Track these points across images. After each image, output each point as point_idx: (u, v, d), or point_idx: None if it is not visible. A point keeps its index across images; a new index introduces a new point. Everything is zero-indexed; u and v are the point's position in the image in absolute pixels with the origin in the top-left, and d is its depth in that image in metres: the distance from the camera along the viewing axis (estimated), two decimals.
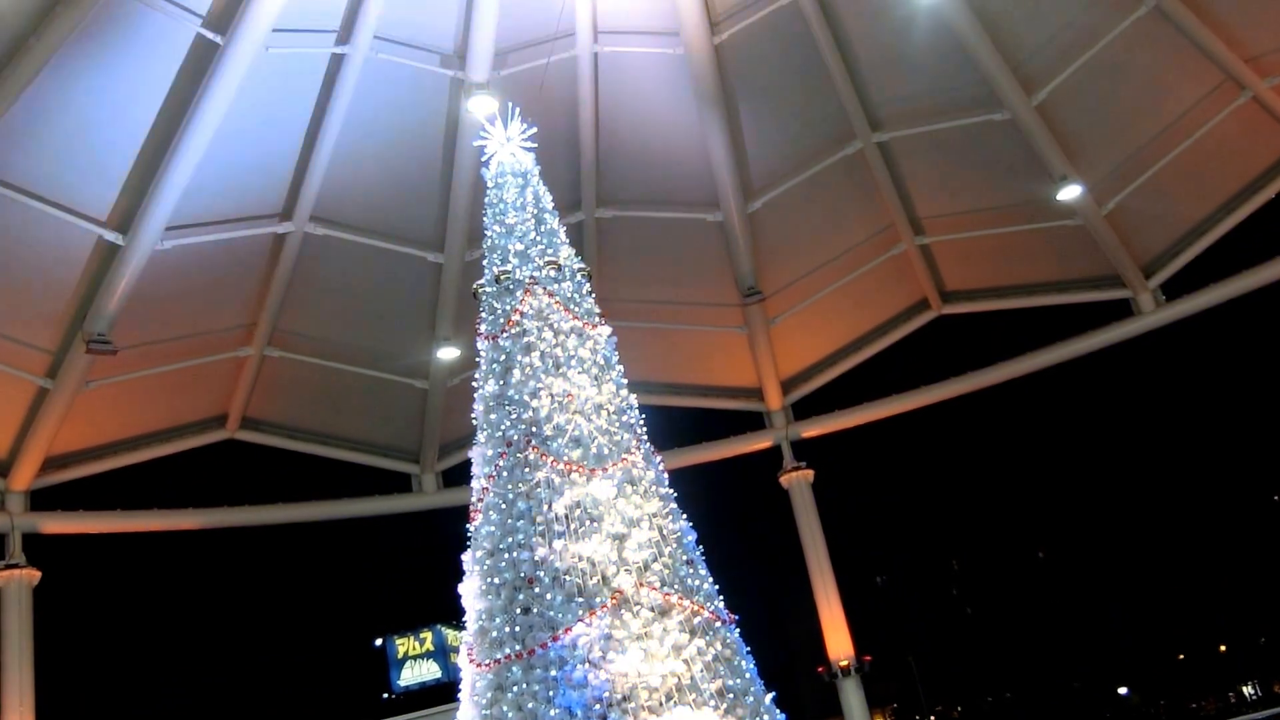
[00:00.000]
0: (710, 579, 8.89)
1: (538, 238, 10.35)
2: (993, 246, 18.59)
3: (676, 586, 8.43)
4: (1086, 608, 52.31)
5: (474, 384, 9.94)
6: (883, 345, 19.86)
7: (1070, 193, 17.04)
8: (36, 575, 15.33)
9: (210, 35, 13.17)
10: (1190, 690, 51.60)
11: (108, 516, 16.87)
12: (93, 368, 15.11)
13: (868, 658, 18.10)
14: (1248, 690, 51.87)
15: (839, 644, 17.98)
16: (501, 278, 10.04)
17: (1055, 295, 19.16)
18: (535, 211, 10.56)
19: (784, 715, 8.49)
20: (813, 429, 19.58)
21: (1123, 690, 54.35)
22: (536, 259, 10.14)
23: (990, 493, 54.61)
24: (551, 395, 9.17)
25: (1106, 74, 16.32)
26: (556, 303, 9.83)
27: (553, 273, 10.05)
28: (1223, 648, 53.29)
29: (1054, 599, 53.15)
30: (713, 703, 7.82)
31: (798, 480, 19.04)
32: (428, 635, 23.40)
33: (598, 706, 7.55)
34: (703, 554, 9.11)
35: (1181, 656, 53.61)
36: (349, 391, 18.15)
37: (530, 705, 7.77)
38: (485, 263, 10.46)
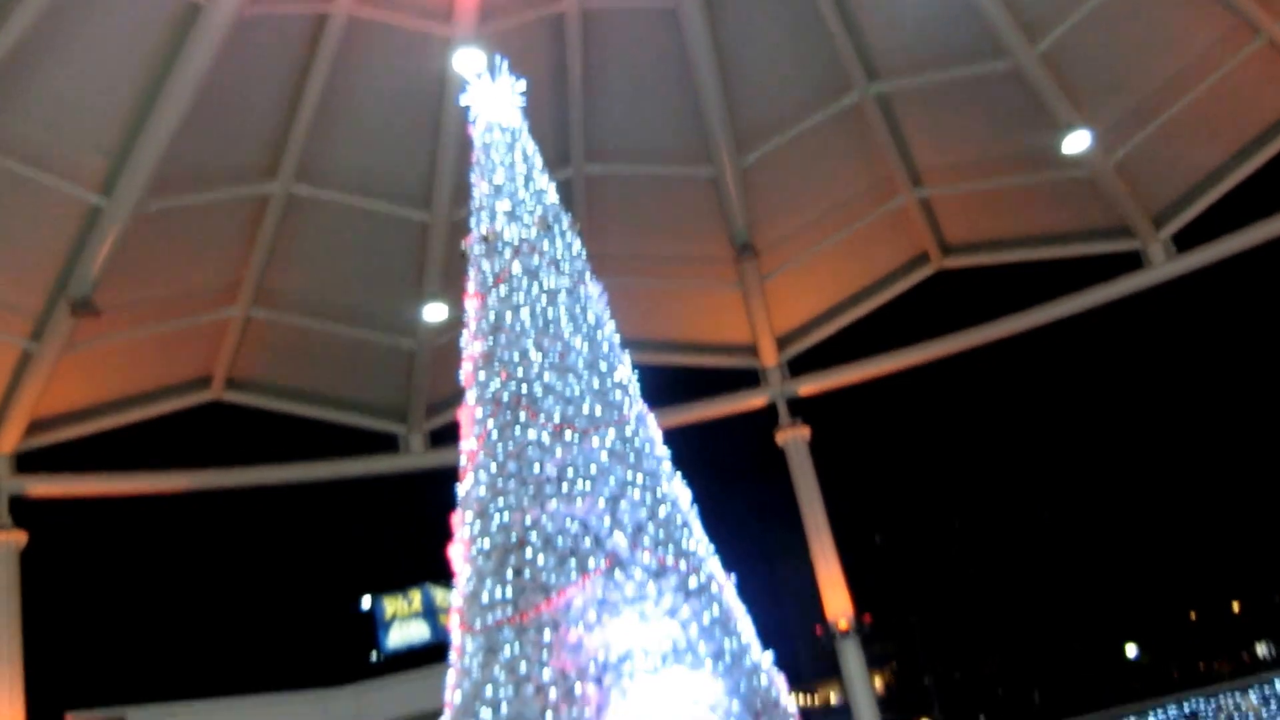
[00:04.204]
0: (706, 540, 8.69)
1: (526, 195, 10.04)
2: (996, 198, 18.25)
3: (671, 548, 8.22)
4: (1094, 567, 52.15)
5: (462, 343, 9.69)
6: (881, 300, 19.59)
7: (1077, 142, 16.67)
8: (23, 538, 15.19)
9: None
10: (1202, 650, 51.54)
11: (94, 479, 16.76)
12: (77, 330, 14.91)
13: (867, 618, 18.05)
14: (1261, 650, 51.79)
15: (837, 604, 17.90)
16: (489, 236, 9.75)
17: (1061, 248, 18.80)
18: (524, 169, 10.23)
19: (782, 676, 8.33)
20: (809, 386, 19.34)
21: (1132, 650, 54.39)
22: (525, 217, 9.82)
23: (993, 451, 54.37)
24: (542, 354, 8.92)
25: (1114, 19, 15.86)
26: (546, 261, 9.54)
27: (542, 231, 9.75)
28: (1236, 607, 53.20)
29: (1060, 558, 52.98)
30: (710, 665, 7.65)
31: (794, 438, 18.86)
32: (416, 596, 23.31)
33: (593, 669, 7.39)
34: (698, 515, 8.92)
35: (1194, 616, 53.52)
36: (336, 351, 17.94)
37: (523, 669, 7.58)
38: (473, 221, 10.17)
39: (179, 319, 16.31)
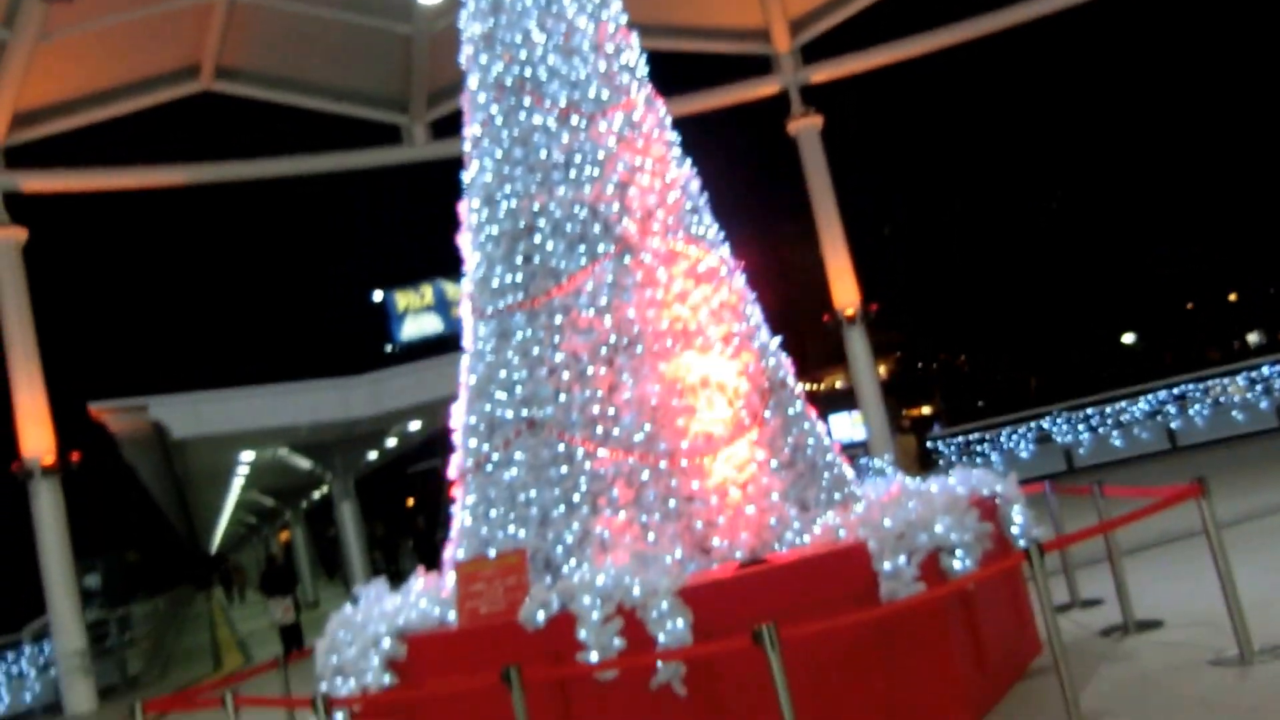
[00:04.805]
0: (716, 226, 8.59)
1: None
2: None
3: (681, 234, 8.14)
4: (1097, 258, 52.42)
5: (460, 25, 9.11)
6: None
7: None
8: (23, 234, 15.02)
9: None
10: (1197, 338, 52.74)
11: (89, 174, 16.40)
12: (51, 17, 14.09)
13: (873, 306, 18.27)
14: (1253, 338, 53.18)
15: (845, 292, 18.11)
16: None
17: None
18: None
19: (790, 360, 8.48)
20: (823, 73, 18.59)
21: (1129, 338, 55.74)
22: None
23: (1006, 140, 53.23)
24: (546, 35, 8.40)
25: None
26: None
27: None
28: (1233, 297, 54.01)
29: (1065, 249, 53.11)
30: (718, 347, 7.76)
31: (806, 127, 18.36)
32: (427, 289, 23.78)
33: (604, 351, 7.50)
34: (708, 202, 8.75)
35: (1190, 305, 54.41)
36: (328, 37, 17.04)
37: (536, 351, 7.71)
38: None
39: (158, 4, 15.36)
